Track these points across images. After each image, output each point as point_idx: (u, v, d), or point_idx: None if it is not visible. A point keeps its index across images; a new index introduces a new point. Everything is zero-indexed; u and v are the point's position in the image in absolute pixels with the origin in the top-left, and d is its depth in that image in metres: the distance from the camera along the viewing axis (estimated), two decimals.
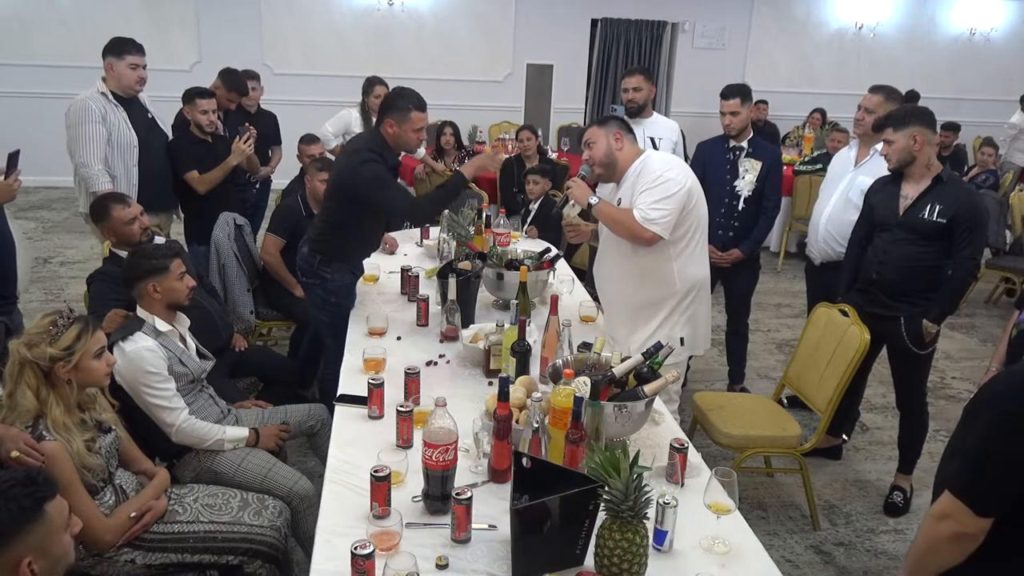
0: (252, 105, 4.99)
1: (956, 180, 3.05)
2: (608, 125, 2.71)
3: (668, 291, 2.69)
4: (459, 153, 6.26)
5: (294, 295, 3.89)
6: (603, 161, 2.69)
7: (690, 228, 2.64)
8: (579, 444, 1.83)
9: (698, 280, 2.74)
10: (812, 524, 3.14)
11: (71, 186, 4.08)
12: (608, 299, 2.92)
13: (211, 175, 3.93)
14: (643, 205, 2.55)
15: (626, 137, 2.69)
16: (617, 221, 2.62)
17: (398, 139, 2.91)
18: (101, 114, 3.65)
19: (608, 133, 2.68)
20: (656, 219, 2.52)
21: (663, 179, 2.55)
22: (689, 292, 2.71)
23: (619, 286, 2.80)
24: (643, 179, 2.60)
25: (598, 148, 2.69)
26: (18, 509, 1.40)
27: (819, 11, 9.07)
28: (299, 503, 2.41)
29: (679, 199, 2.56)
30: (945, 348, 5.07)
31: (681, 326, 2.73)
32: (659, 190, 2.54)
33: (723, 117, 3.75)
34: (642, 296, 2.72)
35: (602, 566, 1.59)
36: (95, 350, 2.01)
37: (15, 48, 7.61)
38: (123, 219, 2.94)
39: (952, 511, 1.51)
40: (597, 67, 8.98)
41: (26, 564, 1.39)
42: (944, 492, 1.53)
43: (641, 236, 2.55)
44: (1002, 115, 8.14)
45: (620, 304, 2.82)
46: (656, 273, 2.67)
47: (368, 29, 8.18)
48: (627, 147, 2.69)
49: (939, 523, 1.54)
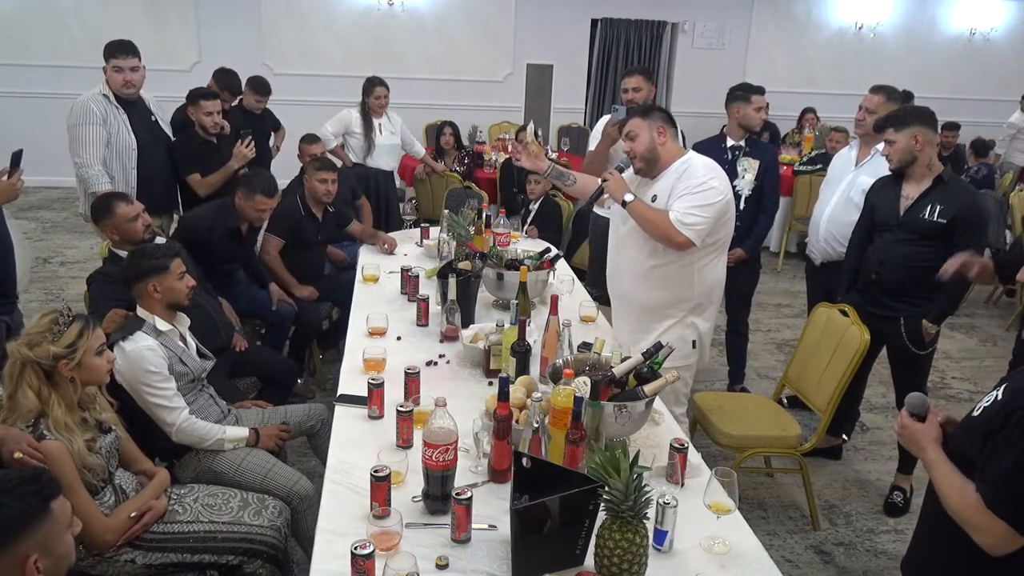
0: (258, 108, 5.01)
1: (957, 181, 3.05)
2: (652, 117, 2.60)
3: (683, 296, 2.66)
4: (459, 153, 6.27)
5: (294, 295, 3.90)
6: (645, 155, 2.60)
7: (719, 240, 2.61)
8: (579, 444, 1.83)
9: (713, 290, 2.71)
10: (812, 524, 3.14)
11: (71, 186, 4.09)
12: (619, 296, 2.88)
13: (212, 178, 3.93)
14: (681, 208, 2.49)
15: (669, 131, 2.60)
16: (650, 221, 2.56)
17: (241, 210, 3.47)
18: (102, 116, 3.66)
19: (651, 126, 2.58)
20: (692, 224, 2.48)
21: (706, 186, 2.49)
22: (702, 301, 2.69)
23: (634, 285, 2.75)
24: (685, 182, 2.53)
25: (640, 142, 2.59)
26: (26, 506, 1.41)
27: (819, 11, 9.07)
28: (299, 503, 2.40)
29: (718, 209, 2.51)
30: (945, 348, 5.07)
31: (689, 332, 2.70)
32: (700, 196, 2.48)
33: (760, 112, 3.76)
34: (656, 297, 2.68)
35: (602, 566, 1.59)
36: (96, 347, 2.02)
37: (15, 48, 7.60)
38: (126, 216, 2.94)
39: (990, 529, 1.46)
40: (597, 67, 8.98)
41: (32, 561, 1.40)
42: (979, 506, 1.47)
43: (673, 240, 2.50)
44: (1001, 115, 8.14)
45: (631, 303, 2.79)
46: (675, 277, 2.63)
47: (368, 29, 8.18)
48: (670, 142, 2.60)
49: (976, 533, 1.49)
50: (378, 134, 5.26)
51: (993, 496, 1.46)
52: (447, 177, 5.76)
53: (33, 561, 1.40)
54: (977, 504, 1.48)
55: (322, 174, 3.88)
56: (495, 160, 6.29)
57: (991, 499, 1.46)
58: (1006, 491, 1.45)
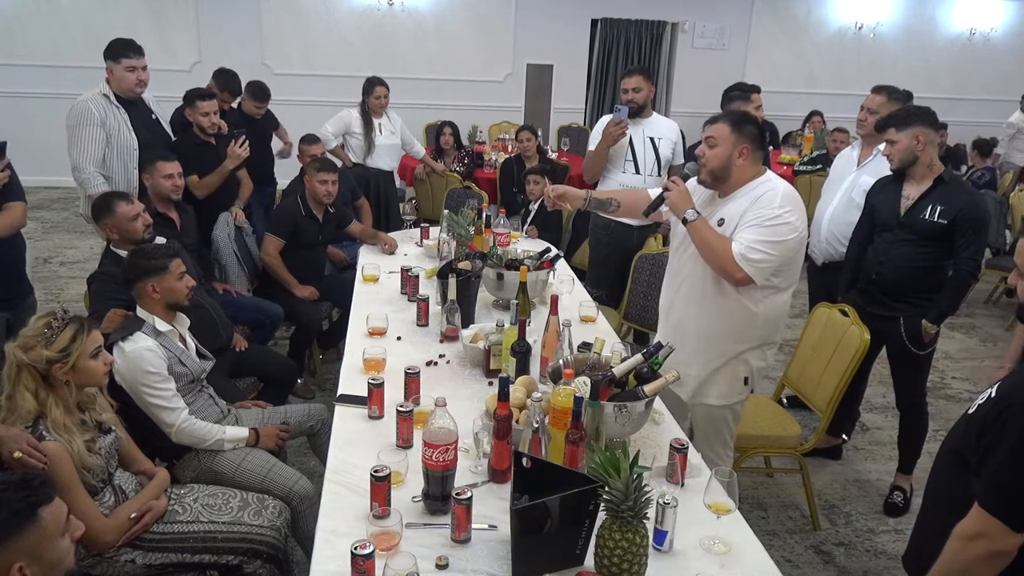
0: (258, 113, 5.01)
1: (958, 181, 3.05)
2: (743, 134, 2.29)
3: (746, 331, 2.42)
4: (459, 153, 6.26)
5: (294, 295, 3.90)
6: (717, 169, 2.33)
7: (787, 278, 2.38)
8: (579, 444, 1.83)
9: (777, 327, 2.49)
10: (812, 524, 3.14)
11: (71, 186, 4.09)
12: (671, 321, 2.59)
13: (209, 180, 3.92)
14: (746, 240, 2.24)
15: (753, 155, 2.32)
16: (710, 247, 2.30)
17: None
18: (101, 117, 3.65)
19: (738, 144, 2.29)
20: (756, 261, 2.23)
21: (780, 220, 2.23)
22: (764, 337, 2.47)
23: (689, 309, 2.49)
24: (758, 209, 2.26)
25: (717, 154, 2.31)
26: (10, 513, 1.38)
27: (819, 11, 9.07)
28: (299, 503, 2.40)
29: (788, 248, 2.26)
30: (945, 348, 5.07)
31: (742, 368, 2.49)
32: (771, 231, 2.23)
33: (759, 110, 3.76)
34: (712, 326, 2.43)
35: (602, 566, 1.59)
36: (91, 350, 2.01)
37: (15, 48, 7.60)
38: (127, 215, 2.94)
39: (986, 529, 1.45)
40: (597, 67, 8.97)
41: (17, 569, 1.37)
42: (974, 509, 1.48)
43: (731, 275, 2.27)
44: (1001, 115, 8.13)
45: (683, 328, 2.51)
46: (736, 311, 2.39)
47: (368, 29, 8.17)
48: (748, 162, 2.33)
49: (971, 544, 1.48)
50: (378, 134, 5.26)
51: (984, 494, 1.47)
52: (447, 177, 5.76)
53: (18, 569, 1.37)
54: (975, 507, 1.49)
55: (322, 175, 3.88)
56: (495, 160, 6.28)
57: (983, 497, 1.47)
58: (997, 488, 1.46)
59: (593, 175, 4.10)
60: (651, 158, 3.95)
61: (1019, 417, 1.44)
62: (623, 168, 3.96)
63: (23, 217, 3.11)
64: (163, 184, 3.41)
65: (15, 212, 3.04)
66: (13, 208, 3.03)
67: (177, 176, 3.45)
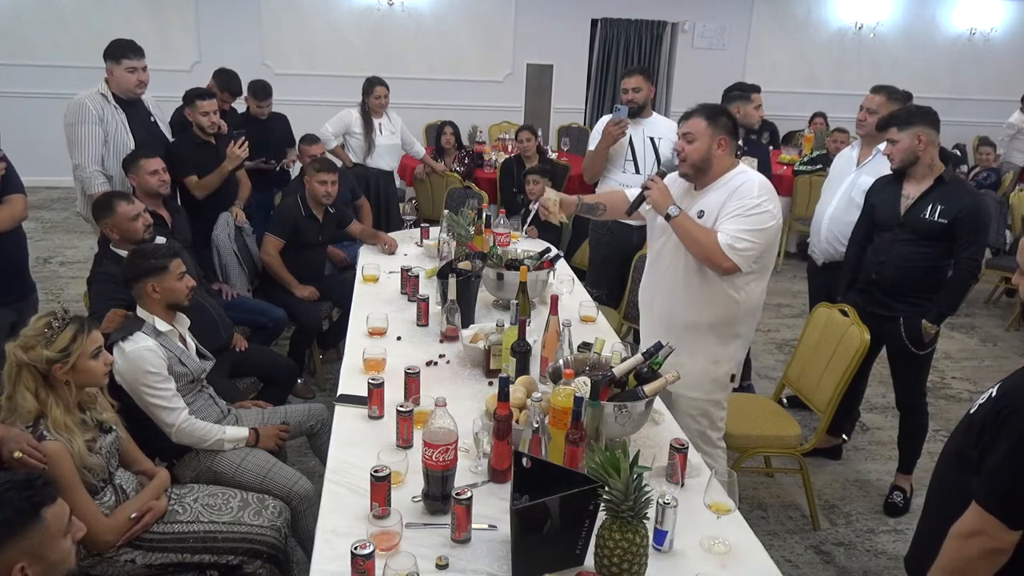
0: (262, 114, 4.99)
1: (958, 181, 3.05)
2: (718, 125, 2.38)
3: (727, 317, 2.49)
4: (459, 153, 6.26)
5: (294, 295, 3.90)
6: (697, 162, 2.40)
7: (766, 263, 2.48)
8: (579, 444, 1.83)
9: (755, 313, 2.57)
10: (812, 524, 3.14)
11: (71, 186, 4.08)
12: (656, 315, 2.66)
13: (208, 180, 3.91)
14: (731, 230, 2.32)
15: (730, 144, 2.41)
16: (695, 240, 2.37)
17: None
18: (98, 115, 3.64)
19: (715, 136, 2.37)
20: (742, 250, 2.31)
21: (761, 209, 2.32)
22: (744, 324, 2.54)
23: (673, 301, 2.56)
24: (738, 200, 2.34)
25: (698, 148, 2.38)
26: (12, 513, 1.38)
27: (819, 11, 9.07)
28: (299, 503, 2.40)
29: (769, 235, 2.36)
30: (945, 348, 5.07)
31: (728, 359, 2.55)
32: (754, 220, 2.31)
33: (759, 110, 3.80)
34: (697, 316, 2.50)
35: (602, 566, 1.59)
36: (92, 350, 2.01)
37: (15, 48, 7.59)
38: (127, 215, 2.94)
39: (983, 527, 1.46)
40: (597, 67, 8.97)
41: (18, 569, 1.36)
42: (971, 507, 1.49)
43: (718, 264, 2.34)
44: (1001, 115, 8.13)
45: (667, 321, 2.58)
46: (719, 299, 2.46)
47: (368, 29, 8.17)
48: (726, 153, 2.41)
49: (969, 541, 1.49)
50: (378, 134, 5.26)
51: (982, 491, 1.49)
52: (447, 177, 5.76)
53: (20, 569, 1.37)
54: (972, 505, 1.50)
55: (322, 175, 3.87)
56: (495, 160, 6.28)
57: (981, 494, 1.48)
58: (994, 486, 1.47)
59: (593, 175, 4.10)
60: (651, 158, 3.96)
61: (1017, 418, 1.45)
62: (623, 168, 3.97)
63: (24, 209, 3.10)
64: (149, 181, 3.38)
65: (16, 204, 3.04)
66: (14, 200, 3.03)
67: (162, 171, 3.42)
